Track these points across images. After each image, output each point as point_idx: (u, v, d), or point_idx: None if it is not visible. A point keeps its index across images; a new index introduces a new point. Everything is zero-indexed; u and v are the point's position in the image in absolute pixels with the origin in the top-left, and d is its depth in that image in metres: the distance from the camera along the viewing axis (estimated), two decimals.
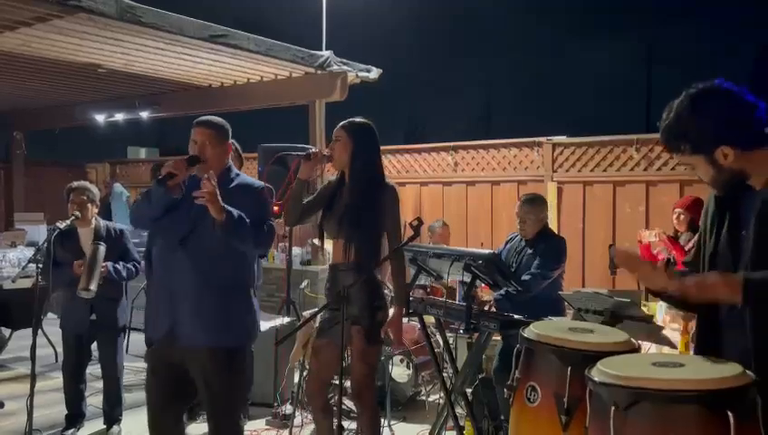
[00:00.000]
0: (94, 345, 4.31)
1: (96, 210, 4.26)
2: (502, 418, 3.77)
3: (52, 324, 5.84)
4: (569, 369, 1.98)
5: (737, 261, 1.87)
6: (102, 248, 3.99)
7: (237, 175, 3.05)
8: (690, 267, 2.19)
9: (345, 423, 3.42)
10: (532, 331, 2.19)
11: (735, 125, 1.84)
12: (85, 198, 4.17)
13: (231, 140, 4.21)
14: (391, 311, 3.26)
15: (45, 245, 3.74)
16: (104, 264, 3.98)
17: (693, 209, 4.97)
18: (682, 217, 4.97)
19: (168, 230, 2.91)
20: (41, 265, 3.88)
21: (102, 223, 4.25)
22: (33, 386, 3.40)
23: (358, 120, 3.25)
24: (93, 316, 4.11)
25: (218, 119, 3.08)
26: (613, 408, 1.69)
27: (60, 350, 5.07)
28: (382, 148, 3.35)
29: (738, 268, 1.85)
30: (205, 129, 2.97)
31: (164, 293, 2.90)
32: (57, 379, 4.34)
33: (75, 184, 4.28)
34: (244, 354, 2.99)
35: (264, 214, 2.96)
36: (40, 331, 3.76)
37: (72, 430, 4.25)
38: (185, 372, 2.87)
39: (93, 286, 3.89)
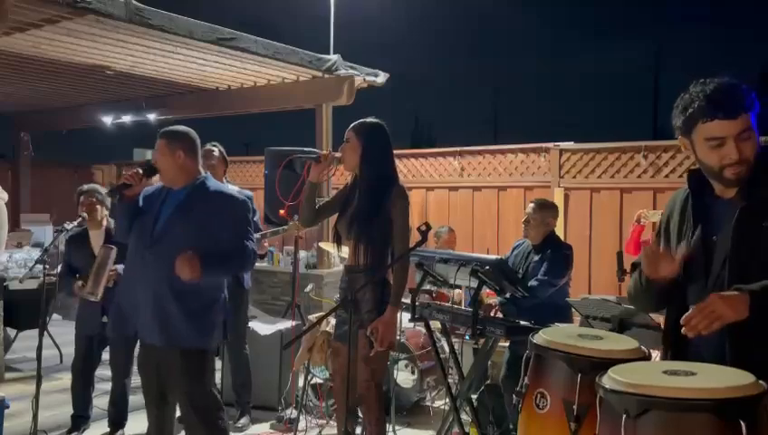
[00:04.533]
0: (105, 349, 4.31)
1: (106, 212, 4.26)
2: (511, 427, 3.75)
3: (57, 325, 5.86)
4: (579, 376, 1.97)
5: (709, 265, 1.96)
6: (113, 252, 3.97)
7: (211, 183, 3.13)
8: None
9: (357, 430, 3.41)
10: (542, 337, 2.18)
11: None
12: (95, 200, 4.18)
13: (214, 144, 4.48)
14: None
15: (57, 247, 3.74)
16: (114, 267, 3.97)
17: None
18: None
19: (136, 238, 3.10)
20: (47, 266, 3.88)
21: (114, 225, 4.25)
22: (38, 387, 3.41)
23: (368, 120, 3.25)
24: (105, 319, 4.11)
25: (177, 128, 3.18)
26: (624, 416, 1.67)
27: (65, 351, 5.09)
28: None
29: (710, 273, 1.95)
30: (159, 140, 3.09)
31: (129, 296, 3.10)
32: (62, 380, 4.35)
33: (86, 187, 4.30)
34: (200, 358, 3.06)
35: (243, 230, 3.07)
36: (45, 332, 3.76)
37: (76, 432, 4.24)
38: (162, 369, 3.09)
39: (99, 291, 3.88)
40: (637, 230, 5.21)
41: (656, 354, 2.91)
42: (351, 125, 3.24)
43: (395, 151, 3.36)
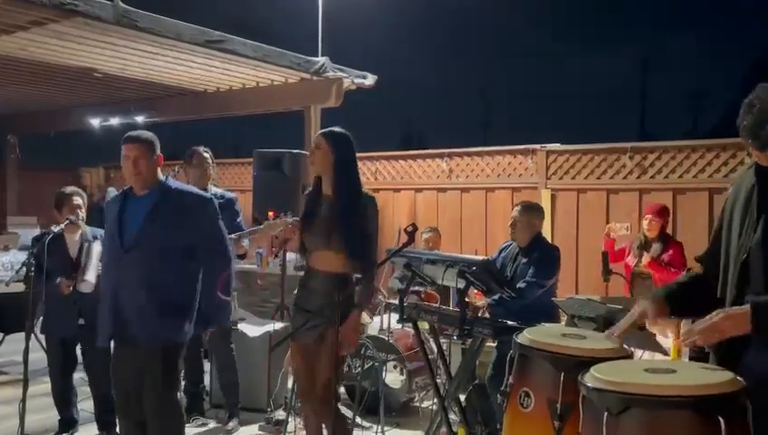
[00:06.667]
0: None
1: (84, 216, 4.26)
2: (498, 426, 3.77)
3: None
4: (562, 375, 2.00)
5: None
6: (96, 245, 4.00)
7: (175, 185, 3.28)
8: (703, 264, 2.16)
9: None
10: (526, 336, 2.21)
11: None
12: (80, 202, 4.18)
13: (202, 148, 4.63)
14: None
15: (36, 250, 3.73)
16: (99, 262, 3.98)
17: (662, 215, 5.05)
18: (654, 223, 5.01)
19: (109, 245, 3.23)
20: (32, 271, 3.88)
21: (89, 229, 4.24)
22: (25, 390, 3.40)
23: (336, 129, 3.31)
24: (81, 321, 4.09)
25: (148, 133, 3.30)
26: (606, 413, 1.70)
27: None
28: (377, 154, 3.39)
29: None
30: (136, 144, 3.18)
31: (107, 297, 3.17)
32: (49, 383, 4.32)
33: (69, 189, 4.28)
34: (178, 352, 3.17)
35: (216, 228, 3.26)
36: (33, 335, 3.75)
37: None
38: (137, 370, 3.14)
39: (91, 278, 3.90)
40: (609, 243, 5.20)
41: (639, 353, 2.95)
42: (320, 132, 3.32)
43: (384, 153, 3.42)
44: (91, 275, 3.91)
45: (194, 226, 3.17)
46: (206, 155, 4.63)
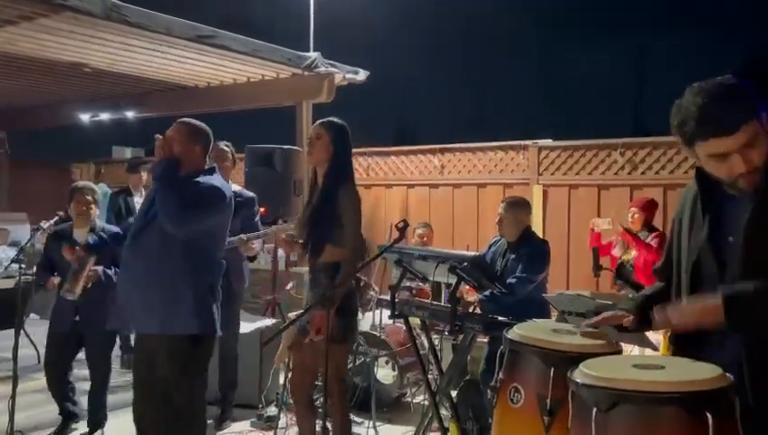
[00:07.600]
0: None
1: (97, 212, 4.23)
2: (490, 422, 3.79)
3: (34, 325, 5.80)
4: (552, 370, 2.00)
5: (723, 270, 1.82)
6: (92, 259, 3.95)
7: (208, 179, 3.16)
8: (659, 275, 2.16)
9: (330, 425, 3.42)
10: (516, 332, 2.21)
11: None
12: (90, 198, 4.16)
13: (222, 143, 4.45)
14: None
15: (33, 245, 3.71)
16: (94, 268, 3.95)
17: (647, 209, 5.12)
18: (636, 216, 5.11)
19: (133, 226, 3.18)
20: (23, 266, 3.85)
21: (99, 225, 4.22)
22: (14, 387, 3.39)
23: (336, 120, 3.31)
24: (77, 317, 4.07)
25: (200, 124, 3.24)
26: (595, 409, 1.70)
27: (43, 351, 4.98)
28: (369, 149, 3.37)
29: (725, 279, 1.80)
30: (179, 125, 3.16)
31: (121, 285, 3.13)
32: (39, 380, 4.30)
33: (80, 184, 4.26)
34: (197, 344, 3.06)
35: (196, 199, 3.01)
36: (22, 331, 3.72)
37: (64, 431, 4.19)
38: (153, 359, 3.08)
39: (78, 289, 3.87)
40: (594, 236, 5.27)
41: (628, 348, 2.97)
42: (321, 121, 3.30)
43: (376, 149, 3.40)
44: (78, 288, 3.87)
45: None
46: (227, 150, 4.48)
